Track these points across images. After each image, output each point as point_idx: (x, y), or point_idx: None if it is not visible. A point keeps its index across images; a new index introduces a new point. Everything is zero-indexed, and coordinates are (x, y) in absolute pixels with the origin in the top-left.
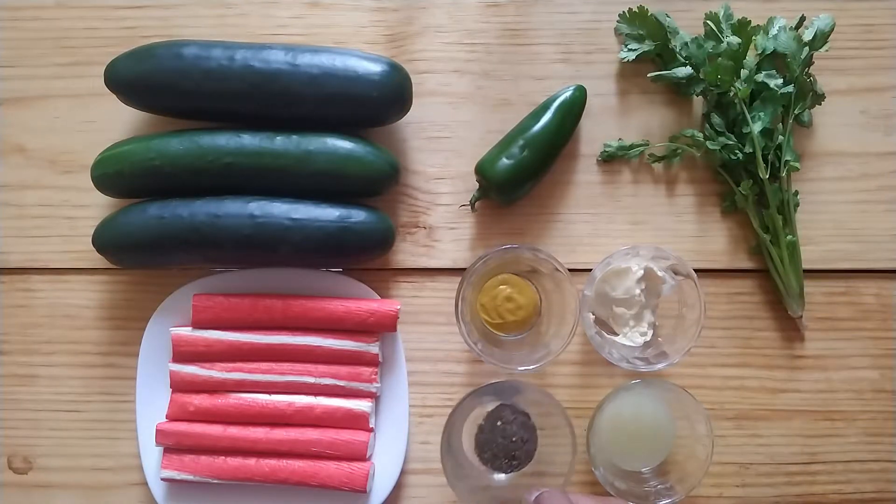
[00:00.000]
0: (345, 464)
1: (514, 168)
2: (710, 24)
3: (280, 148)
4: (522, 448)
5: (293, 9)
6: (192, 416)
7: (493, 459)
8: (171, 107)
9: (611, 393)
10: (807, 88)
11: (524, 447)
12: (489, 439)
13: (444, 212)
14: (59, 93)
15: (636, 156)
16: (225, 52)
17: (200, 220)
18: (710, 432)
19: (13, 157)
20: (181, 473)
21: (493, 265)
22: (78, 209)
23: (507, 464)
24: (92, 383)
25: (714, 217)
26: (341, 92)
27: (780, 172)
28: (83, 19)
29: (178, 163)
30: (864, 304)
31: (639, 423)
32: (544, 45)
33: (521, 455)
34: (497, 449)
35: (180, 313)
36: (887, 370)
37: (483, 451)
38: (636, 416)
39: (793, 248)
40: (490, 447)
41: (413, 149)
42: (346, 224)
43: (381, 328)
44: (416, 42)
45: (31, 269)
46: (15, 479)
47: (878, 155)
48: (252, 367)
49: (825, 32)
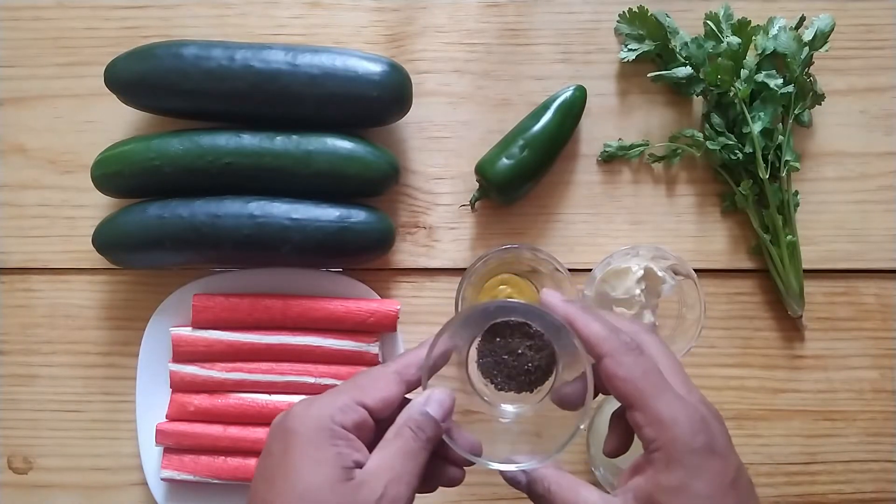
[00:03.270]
0: None
1: (514, 168)
2: (710, 24)
3: (280, 148)
4: (535, 356)
5: (293, 9)
6: (192, 416)
7: (508, 381)
8: (171, 107)
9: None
10: (807, 88)
11: (538, 355)
12: (495, 361)
13: (444, 212)
14: (59, 93)
15: (636, 156)
16: (225, 52)
17: (200, 220)
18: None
19: (13, 157)
20: (181, 473)
21: (493, 265)
22: (78, 209)
23: (525, 380)
24: (92, 383)
25: (714, 217)
26: (341, 92)
27: (780, 172)
28: (83, 19)
29: (178, 163)
30: (864, 304)
31: None
32: (544, 45)
33: (538, 364)
34: (508, 368)
35: (180, 313)
36: (887, 370)
37: (493, 377)
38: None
39: (793, 248)
40: (501, 369)
41: (413, 149)
42: (346, 224)
43: (381, 328)
44: (416, 42)
45: (31, 269)
46: (15, 479)
47: (878, 155)
48: (252, 368)
49: (825, 32)
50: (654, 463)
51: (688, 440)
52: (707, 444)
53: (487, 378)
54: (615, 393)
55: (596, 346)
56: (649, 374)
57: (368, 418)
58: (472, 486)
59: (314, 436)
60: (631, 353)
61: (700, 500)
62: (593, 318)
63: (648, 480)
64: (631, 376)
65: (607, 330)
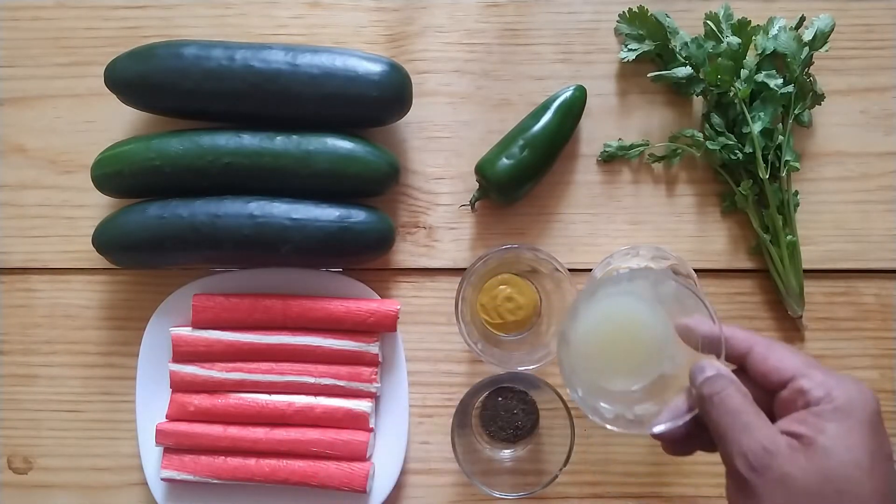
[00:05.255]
0: (345, 464)
1: (514, 168)
2: (710, 24)
3: (280, 148)
4: (524, 418)
5: (293, 9)
6: (192, 416)
7: (500, 431)
8: (171, 107)
9: (583, 292)
10: (807, 88)
11: (526, 417)
12: (493, 414)
13: (444, 212)
14: (59, 93)
15: (636, 156)
16: (225, 52)
17: (200, 220)
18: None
19: (13, 157)
20: (181, 473)
21: (493, 265)
22: (78, 209)
23: (511, 434)
24: (92, 383)
25: (714, 217)
26: (341, 92)
27: (780, 172)
28: (83, 19)
29: (178, 163)
30: (864, 304)
31: (622, 329)
32: (544, 45)
33: (524, 424)
34: (502, 421)
35: (180, 313)
36: (887, 370)
37: (488, 426)
38: (619, 321)
39: (793, 248)
40: (495, 421)
41: (413, 149)
42: (346, 224)
43: (381, 328)
44: (416, 42)
45: (31, 269)
46: (15, 479)
47: (878, 155)
48: (252, 368)
49: (825, 32)
50: (822, 415)
51: (868, 399)
52: (878, 412)
53: (483, 426)
54: (771, 377)
55: (742, 341)
56: (798, 354)
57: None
58: (472, 487)
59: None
60: (771, 342)
61: (859, 453)
62: (729, 327)
63: (810, 426)
64: (785, 354)
65: (746, 333)
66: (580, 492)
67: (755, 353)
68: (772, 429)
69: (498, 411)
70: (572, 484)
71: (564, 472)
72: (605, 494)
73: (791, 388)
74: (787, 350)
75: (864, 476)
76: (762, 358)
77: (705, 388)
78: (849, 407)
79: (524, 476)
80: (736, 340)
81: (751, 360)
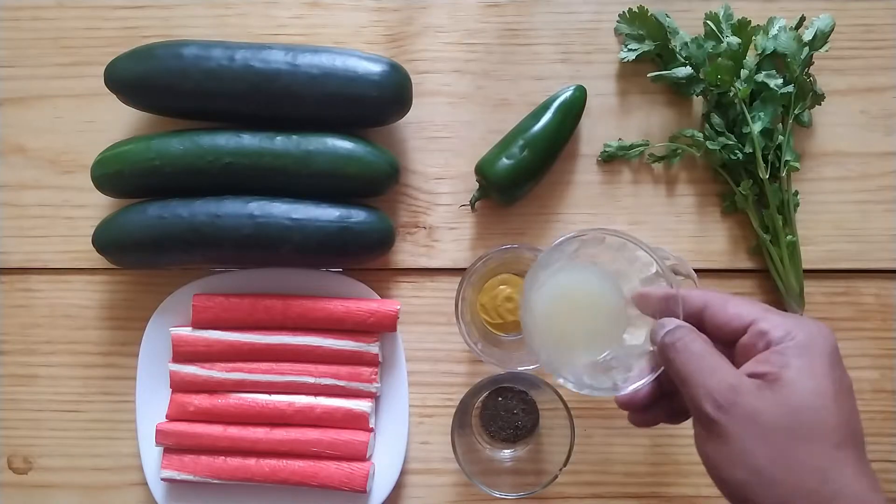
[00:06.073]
0: (345, 464)
1: (514, 168)
2: (710, 24)
3: (280, 148)
4: (524, 418)
5: (293, 9)
6: (192, 416)
7: (500, 431)
8: (171, 107)
9: (535, 265)
10: (807, 88)
11: (526, 417)
12: (493, 414)
13: (444, 212)
14: (59, 93)
15: (636, 156)
16: (225, 52)
17: (200, 220)
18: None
19: (13, 157)
20: (181, 473)
21: (493, 265)
22: (78, 209)
23: (511, 434)
24: (92, 383)
25: (714, 217)
26: (341, 92)
27: (780, 172)
28: (83, 19)
29: (178, 163)
30: (864, 304)
31: (575, 305)
32: (544, 45)
33: (524, 424)
34: (502, 421)
35: (180, 313)
36: (887, 370)
37: (488, 425)
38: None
39: (793, 248)
40: (495, 421)
41: (413, 149)
42: (346, 224)
43: (381, 328)
44: (416, 42)
45: (31, 269)
46: (15, 479)
47: (878, 155)
48: (252, 368)
49: (825, 32)
50: (784, 353)
51: (827, 335)
52: (837, 348)
53: (484, 426)
54: (731, 325)
55: (698, 297)
56: (756, 302)
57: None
58: (472, 487)
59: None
60: (727, 295)
61: (824, 385)
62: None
63: (773, 363)
64: (742, 302)
65: (701, 290)
66: (580, 492)
67: (713, 305)
68: (736, 371)
69: (498, 411)
70: (572, 484)
71: (564, 472)
72: (605, 494)
73: (751, 332)
74: (744, 299)
75: (831, 405)
76: (720, 308)
77: (667, 337)
78: (810, 342)
79: (524, 476)
80: (691, 297)
81: (709, 312)
